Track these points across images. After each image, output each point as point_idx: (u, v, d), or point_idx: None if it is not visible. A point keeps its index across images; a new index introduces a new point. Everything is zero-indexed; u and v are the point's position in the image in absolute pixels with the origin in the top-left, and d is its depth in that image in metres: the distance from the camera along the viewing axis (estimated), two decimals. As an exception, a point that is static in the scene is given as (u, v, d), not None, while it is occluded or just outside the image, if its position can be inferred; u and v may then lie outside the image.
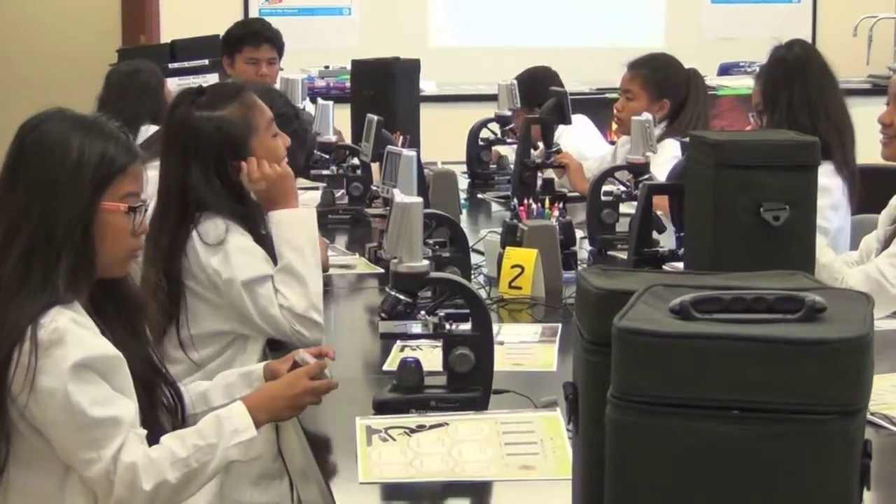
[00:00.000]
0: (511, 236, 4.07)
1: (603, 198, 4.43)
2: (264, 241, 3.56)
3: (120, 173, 2.73)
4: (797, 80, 4.49)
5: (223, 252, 3.40)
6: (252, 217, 3.59)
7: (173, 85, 5.83)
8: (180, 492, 2.68)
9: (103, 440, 2.58)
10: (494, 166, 6.11)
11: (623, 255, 4.17)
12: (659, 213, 3.94)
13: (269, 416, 2.81)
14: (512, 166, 5.67)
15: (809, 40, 9.25)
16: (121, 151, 2.76)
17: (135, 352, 2.81)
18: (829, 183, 4.35)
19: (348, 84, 7.18)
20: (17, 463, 2.62)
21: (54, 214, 2.68)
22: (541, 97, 5.81)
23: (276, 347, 3.45)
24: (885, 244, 3.86)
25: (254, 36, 6.57)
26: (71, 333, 2.58)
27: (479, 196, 5.83)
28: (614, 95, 6.07)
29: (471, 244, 4.09)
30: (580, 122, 6.18)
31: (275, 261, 3.50)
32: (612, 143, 6.23)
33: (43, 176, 2.74)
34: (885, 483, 2.00)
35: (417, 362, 2.98)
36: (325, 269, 4.29)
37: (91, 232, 2.69)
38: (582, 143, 6.02)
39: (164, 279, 3.36)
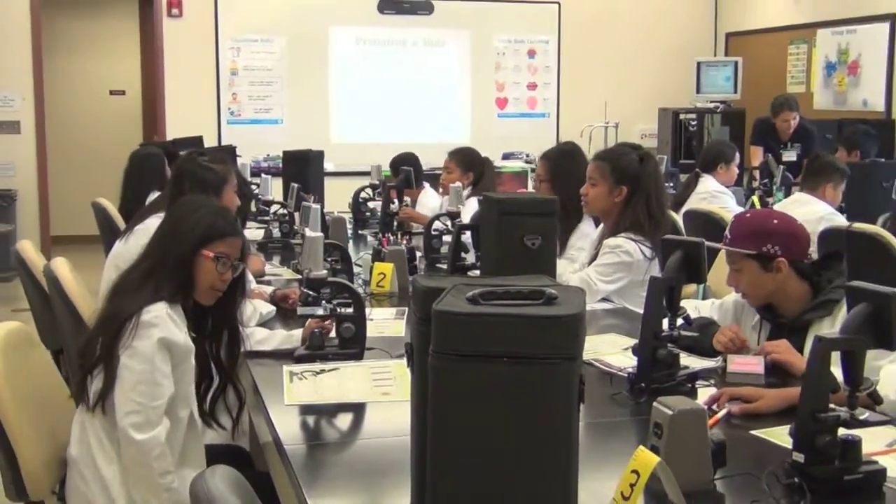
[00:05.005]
0: (378, 256, 4.07)
1: (433, 232, 4.44)
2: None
3: (219, 237, 2.63)
4: (568, 163, 4.52)
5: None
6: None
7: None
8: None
9: (150, 402, 2.42)
10: (369, 214, 6.09)
11: (444, 267, 4.18)
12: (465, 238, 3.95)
13: None
14: (380, 214, 5.67)
15: (555, 141, 9.40)
16: (225, 225, 2.69)
17: (208, 355, 2.73)
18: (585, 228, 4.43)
19: (281, 165, 7.10)
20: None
21: (170, 252, 2.61)
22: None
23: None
24: (592, 260, 3.93)
25: None
26: (162, 318, 2.47)
27: (360, 232, 5.80)
28: (440, 172, 6.10)
29: (354, 261, 4.09)
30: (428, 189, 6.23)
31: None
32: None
33: (172, 227, 2.70)
34: (589, 398, 2.02)
35: (321, 332, 2.97)
36: (262, 274, 4.26)
37: (192, 267, 2.60)
38: (431, 200, 6.06)
39: None
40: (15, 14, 8.70)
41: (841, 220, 5.28)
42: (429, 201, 6.01)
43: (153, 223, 3.10)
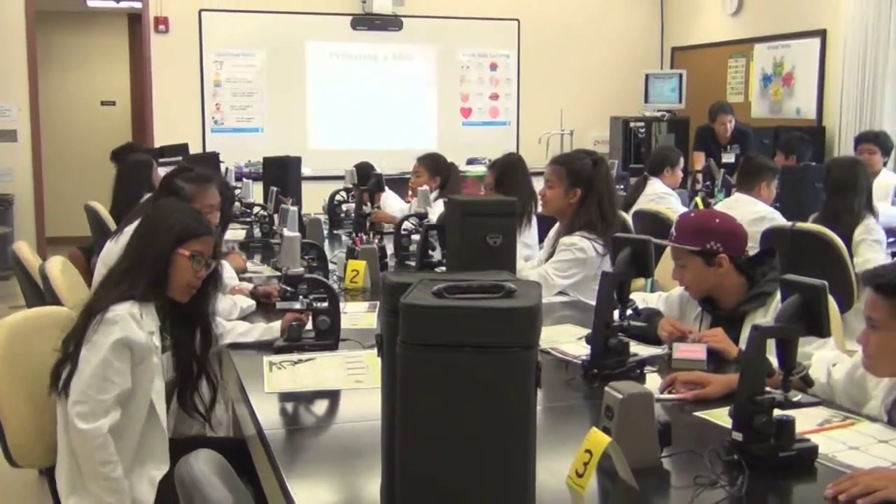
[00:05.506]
0: (351, 254, 4.05)
1: (403, 232, 4.42)
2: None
3: (194, 237, 2.62)
4: (513, 170, 4.56)
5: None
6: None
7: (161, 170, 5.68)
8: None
9: (97, 395, 2.39)
10: (343, 215, 6.07)
11: (413, 264, 4.16)
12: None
13: None
14: (353, 215, 5.65)
15: (516, 148, 9.47)
16: (199, 226, 2.66)
17: (185, 348, 2.68)
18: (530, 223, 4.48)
19: (261, 170, 7.07)
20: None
21: (147, 251, 2.59)
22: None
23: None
24: (549, 257, 3.94)
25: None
26: (123, 318, 2.43)
27: (335, 232, 5.77)
28: (409, 176, 6.09)
29: (329, 258, 4.07)
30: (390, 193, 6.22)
31: None
32: (409, 202, 6.23)
33: (150, 228, 2.66)
34: (546, 383, 2.02)
35: (299, 324, 2.96)
36: (244, 270, 4.23)
37: (168, 265, 2.58)
38: (394, 203, 6.04)
39: None
40: (11, 30, 8.61)
41: (781, 219, 5.35)
42: (393, 203, 6.01)
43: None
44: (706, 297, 3.01)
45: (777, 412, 2.00)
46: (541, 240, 4.55)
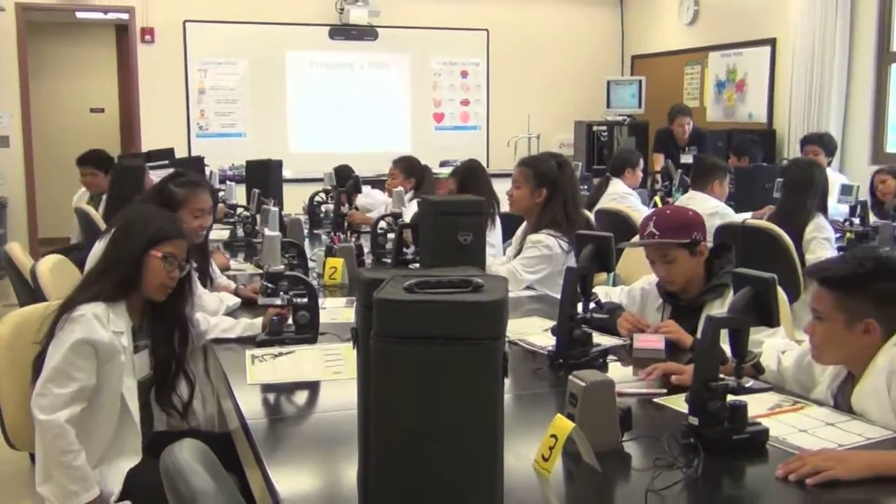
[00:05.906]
0: (330, 252, 4.03)
1: (379, 231, 4.42)
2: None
3: (166, 239, 2.57)
4: (475, 176, 4.57)
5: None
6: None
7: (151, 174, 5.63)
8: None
9: (56, 389, 2.36)
10: (322, 215, 6.04)
11: (389, 261, 4.15)
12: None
13: None
14: (332, 216, 5.63)
15: (485, 152, 9.53)
16: (171, 229, 2.61)
17: (163, 349, 2.63)
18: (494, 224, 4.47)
19: (244, 173, 7.02)
20: None
21: (121, 253, 2.55)
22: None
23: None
24: (517, 253, 3.94)
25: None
26: (86, 319, 2.40)
27: (315, 231, 5.74)
28: (385, 177, 6.07)
29: (308, 256, 4.04)
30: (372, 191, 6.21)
31: None
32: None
33: (124, 231, 2.61)
34: (514, 373, 2.01)
35: (280, 319, 2.94)
36: (227, 268, 4.20)
37: (141, 267, 2.54)
38: (378, 196, 6.03)
39: None
40: (3, 40, 8.52)
41: (730, 212, 5.43)
42: (378, 196, 6.01)
43: None
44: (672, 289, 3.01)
45: (730, 398, 2.01)
46: (505, 238, 4.56)
